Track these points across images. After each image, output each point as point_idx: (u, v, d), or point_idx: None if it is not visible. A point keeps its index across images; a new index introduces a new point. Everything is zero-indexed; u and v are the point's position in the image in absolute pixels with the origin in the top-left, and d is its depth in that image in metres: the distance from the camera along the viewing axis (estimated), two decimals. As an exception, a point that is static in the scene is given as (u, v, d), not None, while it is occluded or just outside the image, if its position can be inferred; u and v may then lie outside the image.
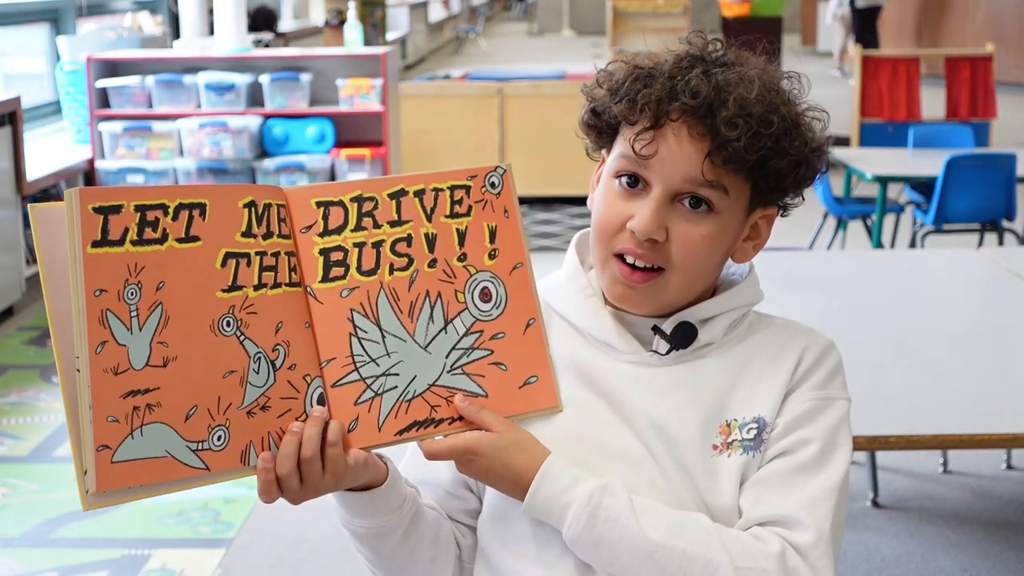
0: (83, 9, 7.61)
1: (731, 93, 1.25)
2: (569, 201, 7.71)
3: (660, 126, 1.27)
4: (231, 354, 1.18)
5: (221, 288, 1.18)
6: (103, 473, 1.11)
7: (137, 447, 1.12)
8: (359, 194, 1.27)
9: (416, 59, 17.77)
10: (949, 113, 7.31)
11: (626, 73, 1.31)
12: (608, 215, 1.31)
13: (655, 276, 1.30)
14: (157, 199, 1.15)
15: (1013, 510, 3.58)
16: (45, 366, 4.92)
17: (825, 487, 1.28)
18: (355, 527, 1.32)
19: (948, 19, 15.45)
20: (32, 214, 1.13)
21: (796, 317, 1.42)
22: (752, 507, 1.28)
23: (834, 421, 1.31)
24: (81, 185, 6.43)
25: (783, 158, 1.27)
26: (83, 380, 1.10)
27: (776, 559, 1.23)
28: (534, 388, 1.31)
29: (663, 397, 1.31)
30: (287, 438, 1.19)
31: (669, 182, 1.27)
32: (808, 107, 1.32)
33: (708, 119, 1.25)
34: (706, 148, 1.26)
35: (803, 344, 1.35)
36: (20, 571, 3.27)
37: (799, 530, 1.25)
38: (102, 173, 6.51)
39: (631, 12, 13.56)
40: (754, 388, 1.32)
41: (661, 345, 1.33)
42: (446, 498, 1.41)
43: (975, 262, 3.57)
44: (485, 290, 1.31)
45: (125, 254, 1.13)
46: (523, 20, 29.53)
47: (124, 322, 1.12)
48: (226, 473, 1.18)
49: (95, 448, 1.10)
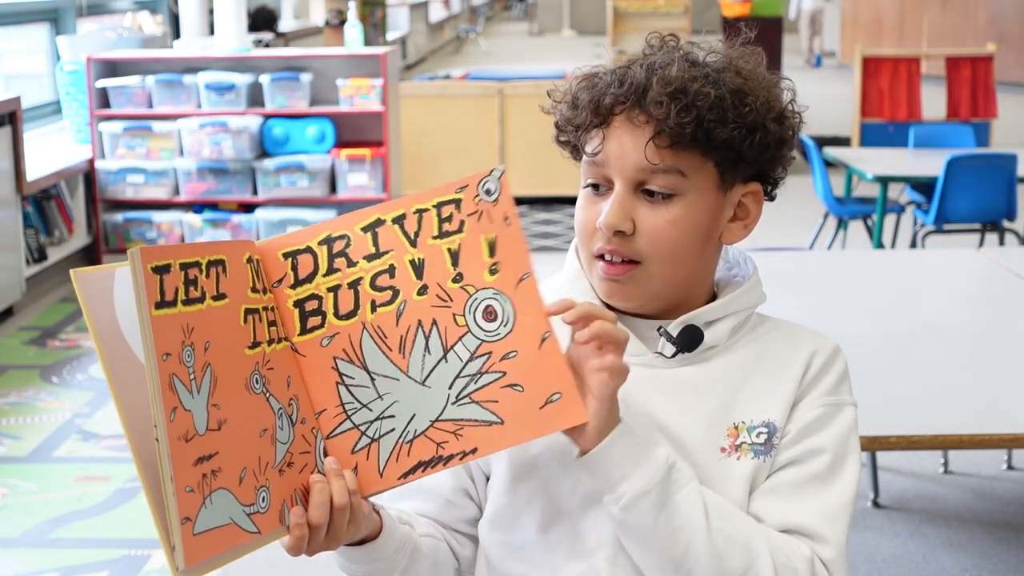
0: (83, 9, 7.60)
1: (656, 74, 1.27)
2: (569, 201, 7.71)
3: (606, 124, 1.29)
4: (263, 412, 1.15)
5: (247, 345, 1.15)
6: (189, 547, 1.06)
7: (210, 516, 1.08)
8: (327, 235, 1.22)
9: (416, 59, 17.77)
10: (950, 113, 7.31)
11: (575, 84, 1.33)
12: (582, 220, 1.33)
13: (633, 268, 1.30)
14: (192, 256, 1.11)
15: (1014, 510, 3.58)
16: (45, 366, 4.92)
17: (841, 500, 1.30)
18: (353, 572, 1.32)
19: (949, 19, 15.45)
20: (76, 280, 1.09)
21: (796, 317, 1.42)
22: (771, 514, 1.29)
23: (845, 429, 1.32)
24: (82, 186, 6.44)
25: (728, 127, 1.26)
26: (163, 450, 1.05)
27: (808, 563, 1.25)
28: (558, 406, 1.20)
29: (668, 399, 1.31)
30: (318, 487, 1.18)
31: (624, 174, 1.28)
32: (766, 77, 1.32)
33: (643, 105, 1.26)
34: (649, 133, 1.27)
35: (811, 348, 1.35)
36: (20, 571, 3.27)
37: (822, 545, 1.27)
38: (102, 173, 6.51)
39: (631, 12, 13.56)
40: (762, 391, 1.32)
41: (667, 347, 1.32)
42: (445, 507, 1.40)
43: (976, 262, 3.56)
44: (489, 309, 1.21)
45: (179, 315, 1.09)
46: (523, 20, 29.52)
47: (186, 386, 1.08)
48: (272, 534, 1.15)
49: (180, 521, 1.05)
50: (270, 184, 6.52)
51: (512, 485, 1.33)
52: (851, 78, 7.94)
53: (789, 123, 1.32)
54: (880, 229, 5.63)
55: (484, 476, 1.38)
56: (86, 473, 3.87)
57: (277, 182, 6.52)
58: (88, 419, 4.33)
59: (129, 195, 6.56)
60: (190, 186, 6.54)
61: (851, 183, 6.19)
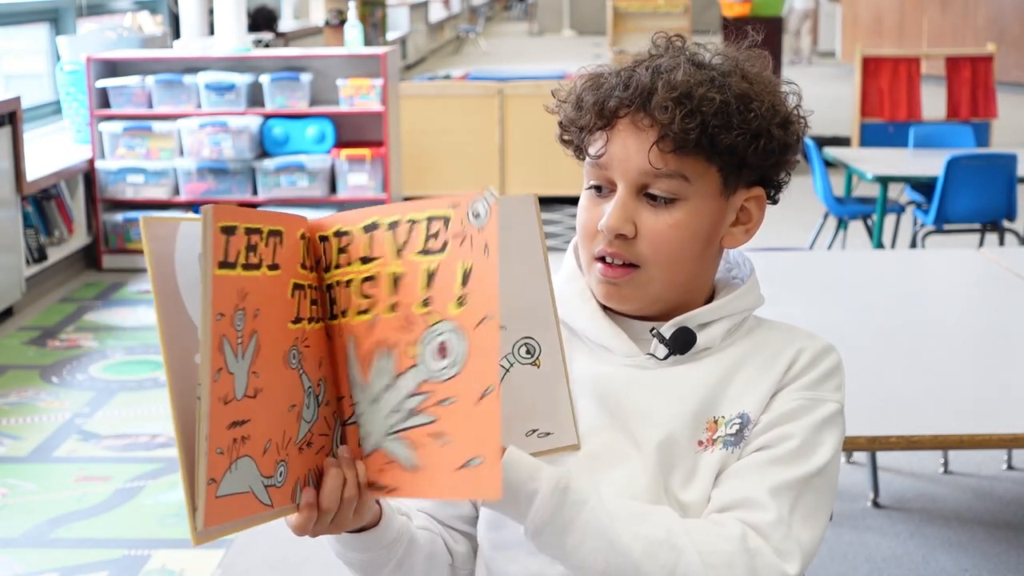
0: (83, 9, 7.60)
1: (662, 78, 1.26)
2: (569, 201, 7.71)
3: (611, 126, 1.29)
4: (295, 388, 1.15)
5: (291, 320, 1.15)
6: (210, 509, 1.05)
7: (233, 481, 1.08)
8: (338, 229, 1.21)
9: (416, 59, 17.76)
10: (950, 113, 7.31)
11: (580, 84, 1.33)
12: (584, 221, 1.33)
13: (632, 271, 1.30)
14: (257, 223, 1.11)
15: (1014, 510, 3.58)
16: (45, 366, 4.92)
17: (794, 477, 1.26)
18: (349, 559, 1.32)
19: (949, 19, 15.45)
20: (144, 227, 1.07)
21: (796, 317, 1.42)
22: (718, 495, 1.27)
23: (818, 421, 1.29)
24: (82, 186, 6.44)
25: (732, 133, 1.26)
26: (203, 409, 1.05)
27: (738, 541, 1.22)
28: (475, 472, 1.11)
29: (657, 398, 1.31)
30: (333, 472, 1.17)
31: (627, 177, 1.28)
32: (771, 81, 1.31)
33: (647, 109, 1.26)
34: (653, 137, 1.26)
35: (799, 346, 1.34)
36: (20, 571, 3.27)
37: (757, 510, 1.24)
38: (102, 173, 6.51)
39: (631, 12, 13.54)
40: (744, 386, 1.32)
41: (659, 349, 1.32)
42: (440, 505, 1.41)
43: (975, 262, 3.56)
44: (442, 345, 1.14)
45: (238, 278, 1.08)
46: (523, 20, 29.52)
47: (233, 349, 1.07)
48: (283, 510, 1.14)
49: (206, 482, 1.05)
50: (270, 184, 6.52)
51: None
52: (851, 78, 7.94)
53: (794, 128, 1.31)
54: (880, 229, 5.63)
55: None
56: (86, 473, 3.87)
57: (277, 182, 6.52)
58: (88, 419, 4.33)
59: (129, 195, 6.56)
60: (190, 186, 6.54)
61: (851, 183, 6.19)
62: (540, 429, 1.27)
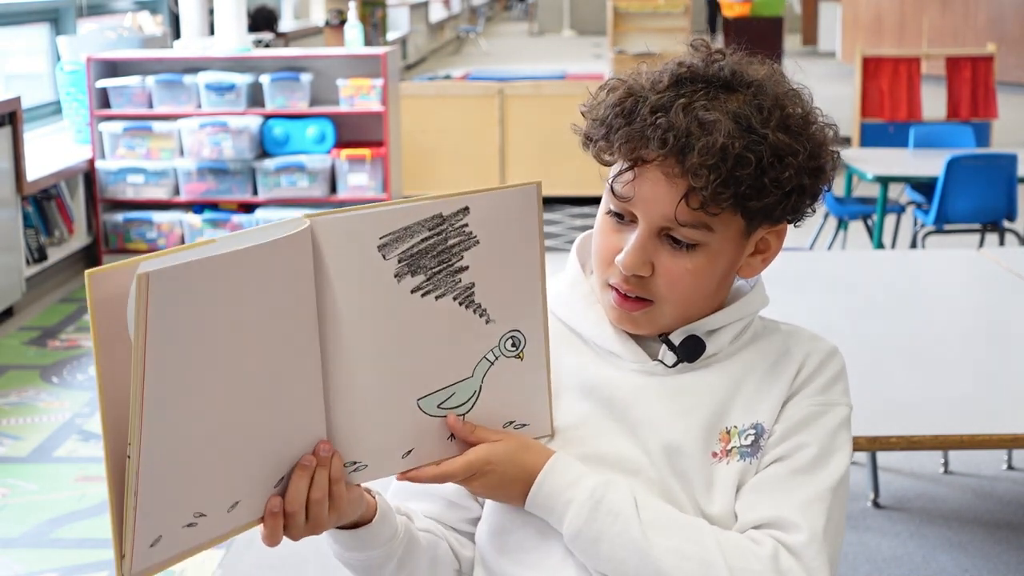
0: (83, 9, 7.60)
1: (699, 139, 1.21)
2: (569, 201, 7.71)
3: (638, 166, 1.25)
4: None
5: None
6: (139, 559, 1.08)
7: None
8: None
9: (416, 59, 17.76)
10: (950, 113, 7.31)
11: (611, 104, 1.28)
12: (602, 247, 1.31)
13: (646, 305, 1.29)
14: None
15: (1014, 510, 3.57)
16: (45, 366, 4.92)
17: (820, 489, 1.27)
18: (347, 559, 1.31)
19: (949, 19, 15.44)
20: (89, 284, 1.03)
21: (797, 317, 1.42)
22: (747, 511, 1.27)
23: (832, 426, 1.31)
24: (82, 186, 6.43)
25: (763, 196, 1.23)
26: (132, 468, 1.05)
27: (769, 560, 1.23)
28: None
29: (666, 406, 1.31)
30: (297, 474, 1.16)
31: (650, 220, 1.26)
32: (809, 114, 1.28)
33: (680, 161, 1.22)
34: (682, 190, 1.23)
35: (805, 351, 1.34)
36: (20, 571, 3.27)
37: (792, 531, 1.25)
38: (102, 173, 6.51)
39: (632, 12, 13.54)
40: (754, 395, 1.31)
41: (668, 356, 1.32)
42: (448, 508, 1.40)
43: (976, 262, 3.56)
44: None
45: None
46: (523, 20, 29.51)
47: None
48: (237, 528, 1.16)
49: (134, 536, 1.07)
50: (270, 184, 6.52)
51: None
52: (851, 78, 7.94)
53: (825, 176, 1.29)
54: (880, 229, 5.63)
55: None
56: (86, 473, 3.87)
57: (277, 182, 6.52)
58: (88, 419, 4.32)
59: (129, 195, 6.56)
60: (190, 186, 6.53)
61: (851, 183, 6.19)
62: (517, 421, 1.29)
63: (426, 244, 1.18)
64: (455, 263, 1.20)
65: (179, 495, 1.08)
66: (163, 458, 1.06)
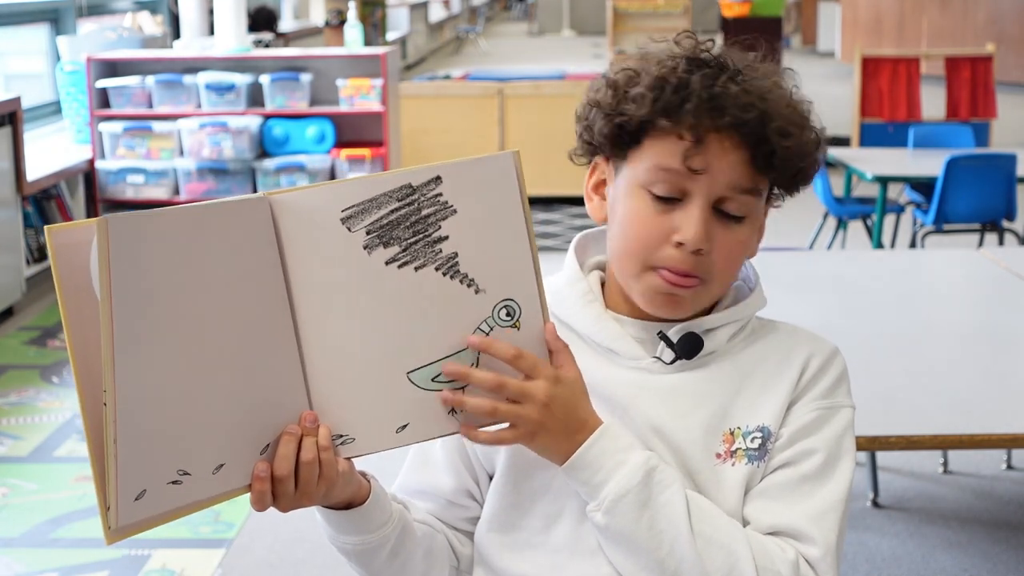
0: (83, 9, 7.60)
1: (772, 102, 1.26)
2: (569, 201, 7.72)
3: (702, 140, 1.25)
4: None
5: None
6: (125, 509, 1.10)
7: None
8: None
9: (416, 59, 17.77)
10: (949, 113, 7.31)
11: (650, 83, 1.27)
12: (646, 230, 1.28)
13: (698, 284, 1.28)
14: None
15: (1013, 510, 3.58)
16: (45, 366, 4.92)
17: (831, 499, 1.28)
18: (341, 544, 1.31)
19: (948, 19, 15.45)
20: (49, 237, 1.07)
21: (796, 317, 1.42)
22: (760, 517, 1.28)
23: (839, 430, 1.31)
24: (82, 186, 6.44)
25: (807, 159, 1.29)
26: (109, 415, 1.08)
27: (792, 566, 1.24)
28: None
29: (666, 404, 1.31)
30: (284, 438, 1.17)
31: (712, 190, 1.26)
32: (805, 102, 1.32)
33: (755, 128, 1.25)
34: (748, 155, 1.26)
35: (807, 352, 1.34)
36: (20, 571, 3.27)
37: (808, 544, 1.26)
38: (102, 173, 6.51)
39: (631, 12, 13.56)
40: (758, 396, 1.31)
41: (666, 353, 1.32)
42: (447, 507, 1.40)
43: (975, 262, 3.56)
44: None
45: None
46: (523, 20, 29.52)
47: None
48: (225, 494, 1.18)
49: (117, 485, 1.08)
50: (270, 184, 6.52)
51: (515, 485, 1.33)
52: (851, 78, 7.94)
53: (824, 150, 1.34)
54: (880, 229, 5.63)
55: (488, 476, 1.37)
56: (86, 473, 3.87)
57: (277, 182, 6.52)
58: (88, 419, 4.32)
59: (129, 195, 6.56)
60: (190, 186, 6.54)
61: (851, 183, 6.19)
62: None
63: (397, 215, 1.17)
64: (432, 233, 1.19)
65: (160, 447, 1.09)
66: (139, 406, 1.07)
